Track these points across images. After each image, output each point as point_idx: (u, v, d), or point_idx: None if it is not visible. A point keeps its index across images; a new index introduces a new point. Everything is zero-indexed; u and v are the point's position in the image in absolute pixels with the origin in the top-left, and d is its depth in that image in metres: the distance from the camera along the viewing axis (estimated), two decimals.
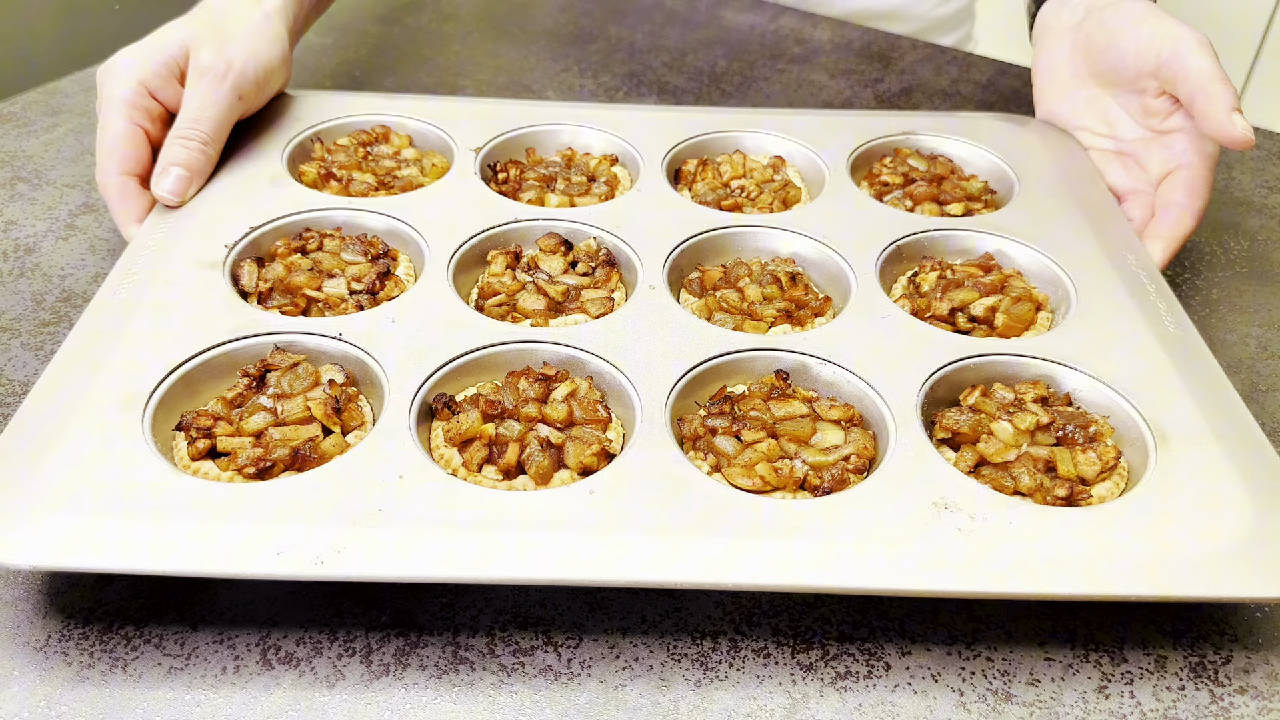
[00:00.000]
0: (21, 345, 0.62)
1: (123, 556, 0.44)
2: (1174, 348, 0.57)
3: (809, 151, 0.76)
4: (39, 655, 0.45)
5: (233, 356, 0.56)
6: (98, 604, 0.47)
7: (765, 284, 0.62)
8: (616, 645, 0.47)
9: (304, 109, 0.77)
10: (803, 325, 0.61)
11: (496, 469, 0.51)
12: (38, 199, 0.75)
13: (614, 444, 0.53)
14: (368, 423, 0.54)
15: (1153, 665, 0.47)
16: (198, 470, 0.50)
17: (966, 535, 0.46)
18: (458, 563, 0.44)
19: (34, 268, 0.68)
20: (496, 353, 0.57)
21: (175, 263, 0.61)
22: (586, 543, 0.45)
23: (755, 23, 1.06)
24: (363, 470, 0.48)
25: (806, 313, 0.61)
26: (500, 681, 0.45)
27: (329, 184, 0.71)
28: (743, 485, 0.50)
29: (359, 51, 0.99)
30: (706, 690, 0.45)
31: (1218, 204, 0.80)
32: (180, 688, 0.44)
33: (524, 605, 0.48)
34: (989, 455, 0.52)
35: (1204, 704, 0.45)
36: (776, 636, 0.47)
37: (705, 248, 0.67)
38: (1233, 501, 0.48)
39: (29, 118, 0.85)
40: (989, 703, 0.45)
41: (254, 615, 0.47)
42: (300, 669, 0.45)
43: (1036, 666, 0.46)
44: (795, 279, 0.63)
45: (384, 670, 0.45)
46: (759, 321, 0.60)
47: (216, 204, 0.66)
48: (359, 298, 0.61)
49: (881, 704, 0.45)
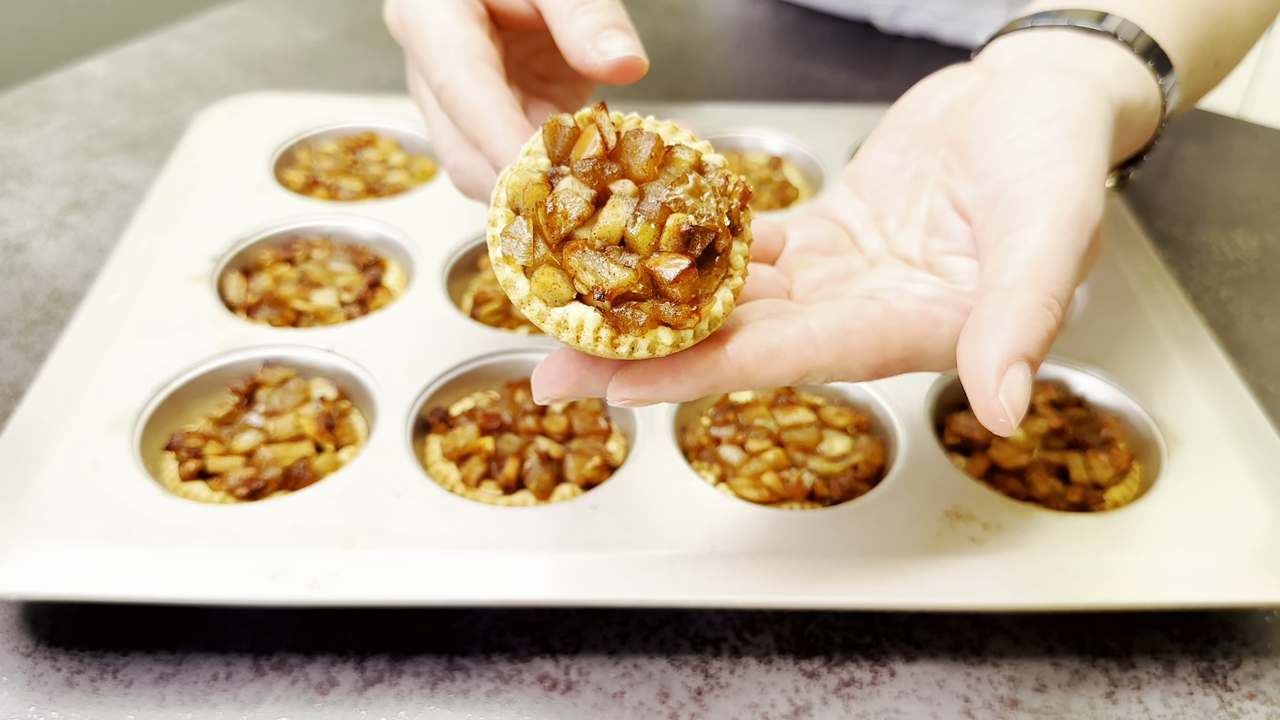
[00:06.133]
0: (10, 345, 0.61)
1: (114, 585, 0.43)
2: (1185, 348, 0.56)
3: (807, 149, 0.75)
4: (27, 661, 0.44)
5: (221, 374, 0.55)
6: (88, 610, 0.46)
7: None
8: (616, 652, 0.46)
9: (289, 114, 0.76)
10: None
11: (495, 484, 0.50)
12: (27, 197, 0.74)
13: (616, 455, 0.52)
14: (361, 439, 0.53)
15: (1161, 671, 0.46)
16: (188, 492, 0.49)
17: (980, 545, 0.46)
18: (458, 585, 0.43)
19: (23, 266, 0.67)
20: (492, 364, 0.56)
21: (161, 276, 0.60)
22: (590, 561, 0.44)
23: (757, 17, 1.06)
24: (357, 489, 0.48)
25: None
26: (497, 689, 0.44)
27: (316, 190, 0.70)
28: (749, 497, 0.49)
29: (353, 47, 0.98)
30: (707, 698, 0.44)
31: (1227, 202, 0.79)
32: (171, 695, 0.43)
33: (521, 612, 0.47)
34: (1001, 461, 0.51)
35: (1213, 709, 0.44)
36: (779, 643, 0.46)
37: None
38: (1247, 504, 0.48)
39: (18, 114, 0.84)
40: (995, 710, 0.44)
41: (246, 622, 0.46)
42: (293, 676, 0.44)
43: (1044, 673, 0.46)
44: None
45: (377, 678, 0.44)
46: None
47: (202, 213, 0.65)
48: (349, 309, 0.60)
49: (886, 711, 0.44)
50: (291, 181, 0.70)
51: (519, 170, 0.33)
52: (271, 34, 1.00)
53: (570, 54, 0.43)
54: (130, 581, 0.43)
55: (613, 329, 0.31)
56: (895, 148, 0.45)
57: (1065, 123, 0.39)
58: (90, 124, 0.83)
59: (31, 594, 0.43)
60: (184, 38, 0.98)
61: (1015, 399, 0.34)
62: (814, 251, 0.43)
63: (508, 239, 0.32)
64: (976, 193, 0.40)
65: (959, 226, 0.41)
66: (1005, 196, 0.38)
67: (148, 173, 0.77)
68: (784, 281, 0.41)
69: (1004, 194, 0.38)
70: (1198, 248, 0.74)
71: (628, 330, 0.31)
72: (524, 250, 0.32)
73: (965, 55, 1.00)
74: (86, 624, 0.46)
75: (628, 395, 0.33)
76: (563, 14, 0.43)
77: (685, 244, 0.31)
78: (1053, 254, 0.36)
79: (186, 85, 0.90)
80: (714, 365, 0.33)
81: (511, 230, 0.32)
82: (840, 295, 0.39)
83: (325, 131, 0.75)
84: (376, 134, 0.76)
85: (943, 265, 0.40)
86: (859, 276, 0.41)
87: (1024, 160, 0.39)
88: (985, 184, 0.40)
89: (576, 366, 0.34)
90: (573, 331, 0.32)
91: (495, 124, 0.41)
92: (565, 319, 0.32)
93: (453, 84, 0.42)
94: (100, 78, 0.90)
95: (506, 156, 0.41)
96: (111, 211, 0.73)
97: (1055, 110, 0.39)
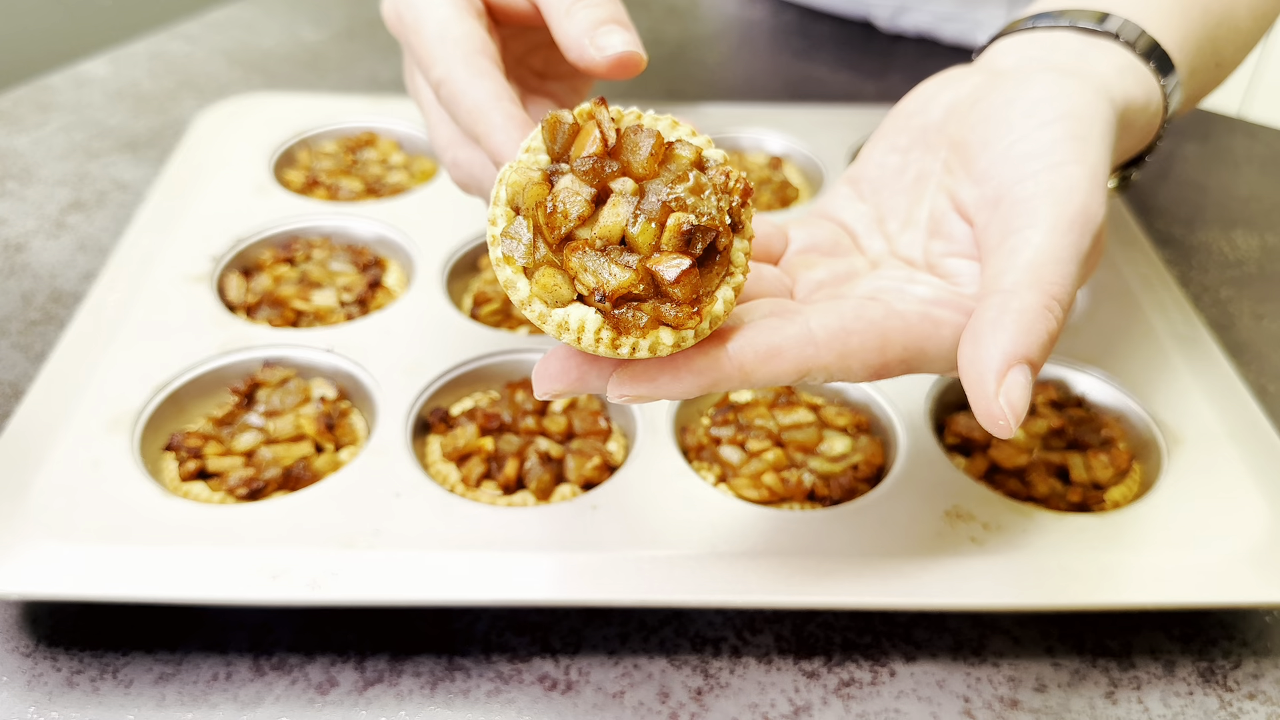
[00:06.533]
0: (10, 345, 0.61)
1: (114, 584, 0.43)
2: (1185, 348, 0.56)
3: (807, 149, 0.75)
4: (27, 661, 0.44)
5: (221, 374, 0.55)
6: (88, 610, 0.46)
7: None
8: (616, 652, 0.46)
9: (289, 114, 0.76)
10: None
11: (495, 484, 0.50)
12: (27, 196, 0.74)
13: (616, 455, 0.52)
14: (361, 439, 0.53)
15: (1161, 671, 0.46)
16: (188, 492, 0.49)
17: (981, 545, 0.46)
18: (458, 585, 0.43)
19: (23, 266, 0.67)
20: (492, 364, 0.56)
21: (161, 276, 0.60)
22: (591, 561, 0.44)
23: (758, 17, 1.05)
24: (357, 489, 0.48)
25: None
26: (497, 689, 0.44)
27: (316, 190, 0.70)
28: (749, 497, 0.49)
29: (353, 47, 0.98)
30: (707, 698, 0.44)
31: (1227, 201, 0.79)
32: (171, 695, 0.43)
33: (521, 612, 0.47)
34: (1001, 461, 0.51)
35: (1213, 709, 0.44)
36: (779, 643, 0.46)
37: None
38: (1248, 503, 0.48)
39: (18, 114, 0.84)
40: (995, 710, 0.44)
41: (246, 622, 0.46)
42: (292, 675, 0.44)
43: (1043, 673, 0.46)
44: None
45: (377, 677, 0.44)
46: None
47: (201, 213, 0.65)
48: (349, 309, 0.60)
49: (886, 711, 0.44)
50: (291, 181, 0.70)
51: (519, 169, 0.33)
52: (271, 34, 1.00)
53: (568, 49, 0.43)
54: (130, 581, 0.43)
55: (614, 330, 0.31)
56: (896, 149, 0.45)
57: (1067, 124, 0.39)
58: (90, 124, 0.83)
59: (31, 594, 0.43)
60: (184, 38, 0.98)
61: (1015, 401, 0.33)
62: (816, 252, 0.43)
63: (508, 239, 0.32)
64: (978, 194, 0.40)
65: (960, 228, 0.41)
66: (1007, 198, 0.38)
67: (148, 173, 0.77)
68: (787, 282, 0.41)
69: (1005, 196, 0.38)
70: (1198, 248, 0.74)
71: (629, 331, 0.31)
72: (524, 251, 0.32)
73: (965, 55, 1.00)
74: (86, 624, 0.46)
75: (627, 392, 0.33)
76: (561, 9, 0.43)
77: (686, 243, 0.31)
78: (1054, 256, 0.36)
79: (186, 85, 0.90)
80: (714, 363, 0.33)
81: (512, 230, 0.32)
82: (842, 296, 0.39)
83: (325, 131, 0.75)
84: (376, 134, 0.76)
85: (944, 267, 0.40)
86: (861, 278, 0.41)
87: (1026, 162, 0.39)
88: (987, 185, 0.40)
89: (577, 363, 0.34)
90: (573, 333, 0.31)
91: (495, 118, 0.41)
92: (566, 320, 0.32)
93: (451, 78, 0.42)
94: (100, 78, 0.90)
95: (506, 151, 0.40)
96: (111, 211, 0.73)
97: (1057, 112, 0.39)
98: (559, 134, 0.32)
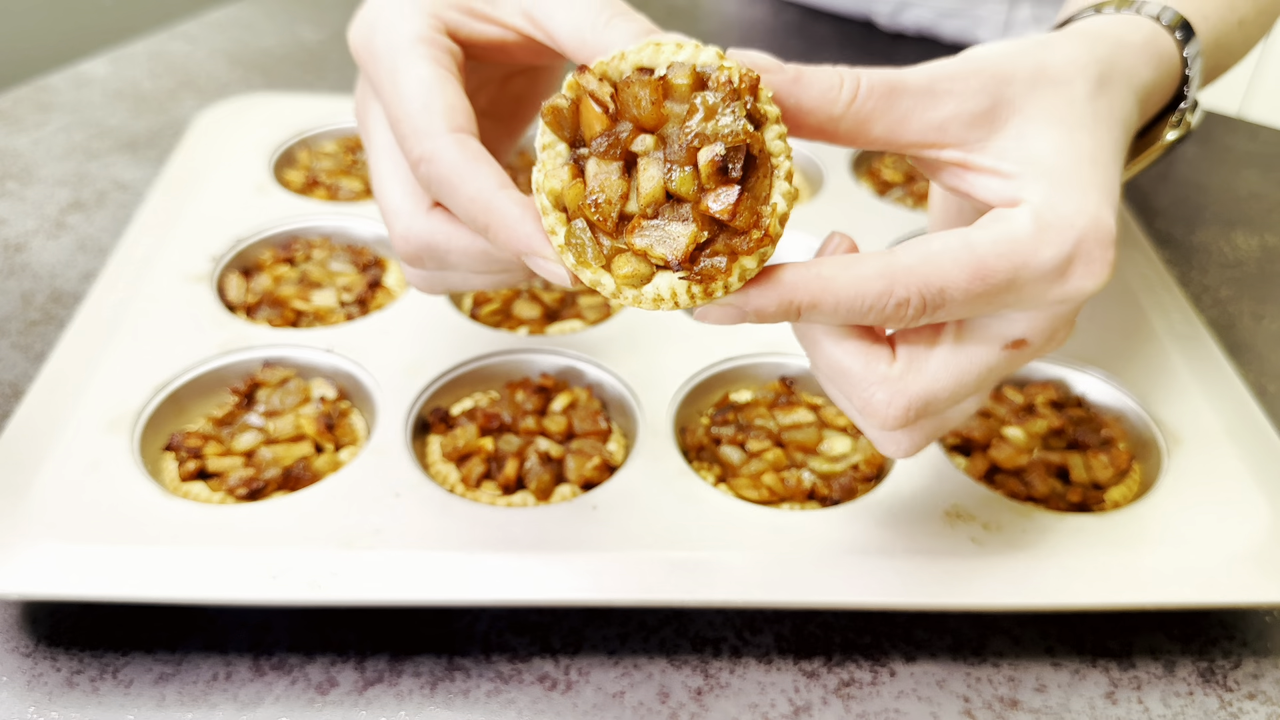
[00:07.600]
0: (10, 345, 0.61)
1: (114, 585, 0.43)
2: (1185, 348, 0.56)
3: (807, 149, 0.75)
4: (27, 661, 0.44)
5: (221, 374, 0.55)
6: (87, 609, 0.46)
7: None
8: (616, 652, 0.46)
9: (289, 114, 0.76)
10: None
11: (495, 484, 0.50)
12: (27, 197, 0.74)
13: (615, 456, 0.52)
14: (361, 439, 0.53)
15: (1161, 671, 0.46)
16: (188, 492, 0.49)
17: (981, 545, 0.46)
18: (458, 585, 0.43)
19: (23, 266, 0.67)
20: (492, 364, 0.56)
21: (161, 276, 0.60)
22: (591, 561, 0.44)
23: (759, 17, 1.06)
24: (357, 489, 0.48)
25: None
26: (497, 689, 0.44)
27: (316, 190, 0.70)
28: (749, 497, 0.49)
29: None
30: (707, 698, 0.44)
31: (1227, 201, 0.79)
32: (171, 695, 0.43)
33: (520, 612, 0.47)
34: (1001, 461, 0.51)
35: (1213, 709, 0.44)
36: (779, 643, 0.46)
37: None
38: (1247, 503, 0.48)
39: (18, 114, 0.84)
40: (995, 710, 0.44)
41: (246, 622, 0.46)
42: (292, 676, 0.44)
43: (1044, 673, 0.46)
44: None
45: (377, 677, 0.44)
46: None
47: (201, 213, 0.65)
48: (349, 309, 0.60)
49: (886, 711, 0.44)
50: (291, 181, 0.70)
51: (548, 173, 0.33)
52: (271, 34, 1.00)
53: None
54: (130, 581, 0.43)
55: (701, 284, 0.32)
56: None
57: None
58: (90, 124, 0.84)
59: (31, 594, 0.43)
60: (184, 38, 0.98)
61: None
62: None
63: (574, 245, 0.33)
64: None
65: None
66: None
67: (147, 173, 0.77)
68: None
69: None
70: (1198, 248, 0.74)
71: (715, 278, 0.32)
72: (593, 250, 0.33)
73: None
74: (86, 624, 0.46)
75: (726, 319, 0.34)
76: (598, 23, 0.39)
77: (724, 173, 0.31)
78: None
79: (186, 85, 0.90)
80: (801, 274, 0.34)
81: (573, 238, 0.33)
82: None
83: (325, 131, 0.75)
84: None
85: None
86: None
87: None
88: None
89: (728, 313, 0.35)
90: (669, 301, 0.32)
91: (509, 211, 0.36)
92: (658, 293, 0.32)
93: (439, 160, 0.38)
94: (100, 78, 0.90)
95: (534, 244, 0.36)
96: (111, 211, 0.73)
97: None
98: (563, 120, 0.33)
